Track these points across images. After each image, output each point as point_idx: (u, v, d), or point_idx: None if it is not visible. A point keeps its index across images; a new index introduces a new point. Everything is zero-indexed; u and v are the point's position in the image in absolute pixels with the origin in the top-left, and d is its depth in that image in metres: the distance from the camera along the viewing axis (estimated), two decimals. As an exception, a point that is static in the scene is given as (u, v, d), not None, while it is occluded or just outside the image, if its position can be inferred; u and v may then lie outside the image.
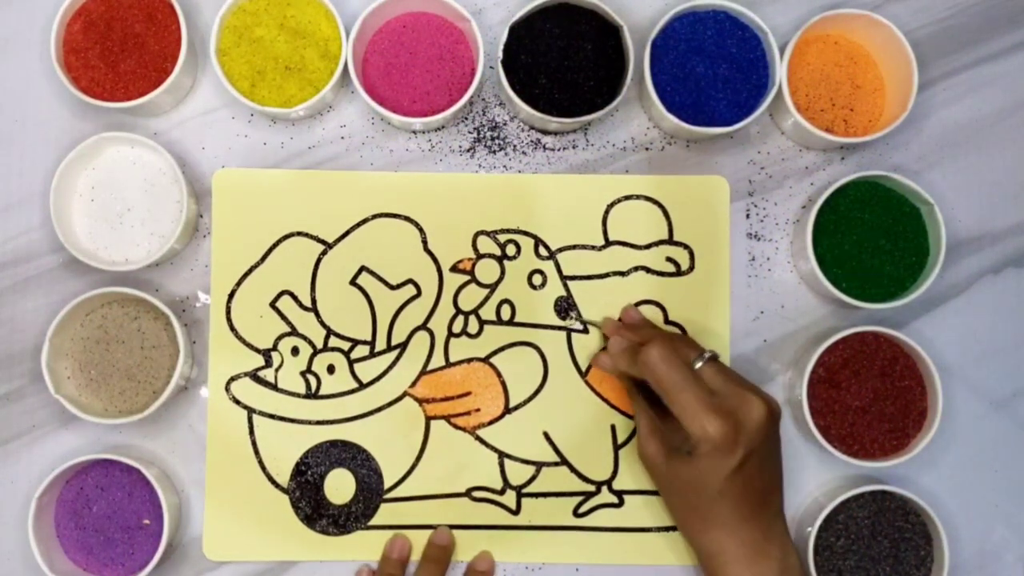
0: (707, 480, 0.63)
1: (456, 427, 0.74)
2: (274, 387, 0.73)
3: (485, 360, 0.74)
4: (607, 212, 0.75)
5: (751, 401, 0.63)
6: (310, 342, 0.73)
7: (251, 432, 0.73)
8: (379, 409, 0.73)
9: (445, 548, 0.72)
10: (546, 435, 0.74)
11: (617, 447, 0.74)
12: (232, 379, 0.73)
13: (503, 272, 0.74)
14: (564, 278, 0.74)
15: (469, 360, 0.74)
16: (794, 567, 0.64)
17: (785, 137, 0.76)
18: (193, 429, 0.73)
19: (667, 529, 0.73)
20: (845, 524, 0.71)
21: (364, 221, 0.74)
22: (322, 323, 0.74)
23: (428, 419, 0.73)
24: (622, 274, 0.74)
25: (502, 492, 0.73)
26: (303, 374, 0.73)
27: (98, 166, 0.73)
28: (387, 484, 0.73)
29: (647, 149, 0.76)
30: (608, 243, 0.74)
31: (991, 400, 0.75)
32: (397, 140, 0.75)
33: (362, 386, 0.73)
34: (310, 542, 0.72)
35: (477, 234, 0.74)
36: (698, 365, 0.65)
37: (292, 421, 0.73)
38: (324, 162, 0.75)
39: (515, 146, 0.75)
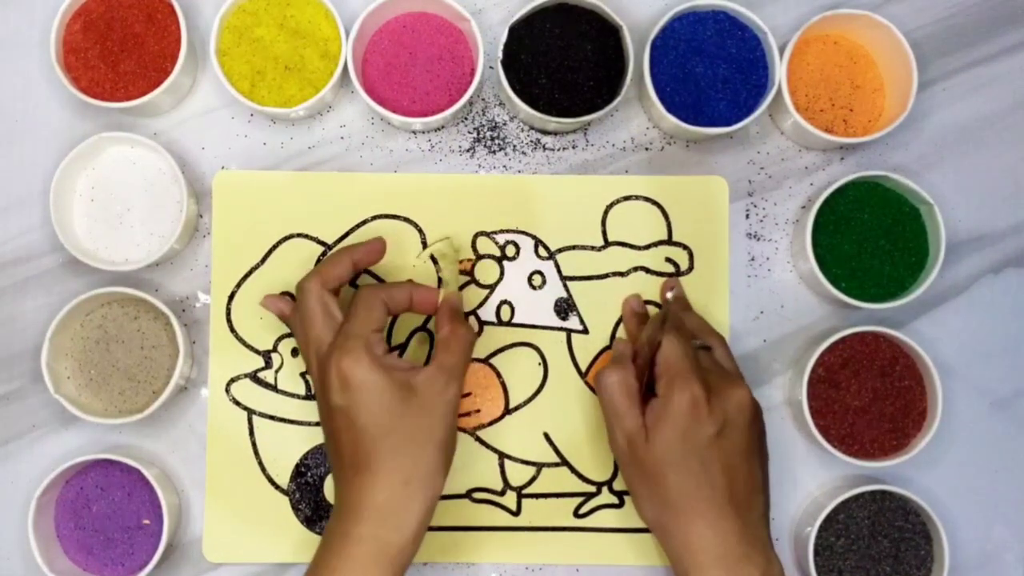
0: (690, 444, 0.63)
1: (456, 428, 0.73)
2: (274, 388, 0.73)
3: (485, 361, 0.74)
4: (606, 212, 0.75)
5: (734, 382, 0.66)
6: (310, 342, 0.73)
7: (251, 433, 0.73)
8: (379, 409, 0.73)
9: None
10: (546, 436, 0.74)
11: (617, 447, 0.74)
12: (232, 380, 0.73)
13: (502, 272, 0.74)
14: (564, 278, 0.74)
15: (469, 360, 0.74)
16: None
17: (785, 137, 0.76)
18: (193, 429, 0.73)
19: (667, 529, 0.73)
20: (845, 524, 0.71)
21: (364, 222, 0.74)
22: (322, 323, 0.74)
23: (428, 419, 0.73)
24: (622, 274, 0.74)
25: (502, 493, 0.73)
26: (303, 375, 0.73)
27: (98, 166, 0.73)
28: (387, 484, 0.73)
29: (647, 149, 0.76)
30: (607, 243, 0.74)
31: (991, 400, 0.75)
32: (397, 140, 0.75)
33: (362, 386, 0.73)
34: (310, 544, 0.72)
35: (476, 235, 0.74)
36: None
37: (292, 422, 0.73)
38: (324, 162, 0.75)
39: (515, 146, 0.75)
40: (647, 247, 0.74)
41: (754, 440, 0.66)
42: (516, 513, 0.73)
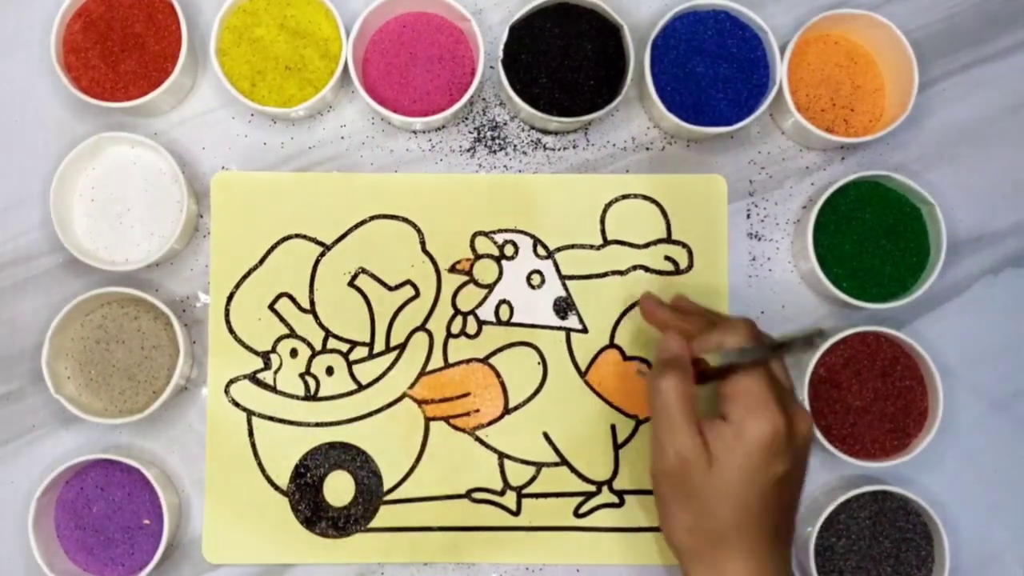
0: (755, 481, 0.57)
1: (455, 428, 0.73)
2: (273, 389, 0.73)
3: (484, 361, 0.74)
4: (605, 211, 0.74)
5: (802, 413, 0.60)
6: (309, 344, 0.73)
7: (250, 435, 0.73)
8: (378, 411, 0.73)
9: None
10: (546, 435, 0.73)
11: (617, 447, 0.73)
12: (231, 382, 0.73)
13: (501, 272, 0.74)
14: (563, 277, 0.74)
15: (468, 361, 0.74)
16: None
17: (785, 137, 0.76)
18: (193, 429, 0.73)
19: (667, 530, 0.73)
20: (846, 524, 0.71)
21: (362, 223, 0.74)
22: (321, 325, 0.74)
23: (427, 420, 0.73)
24: (621, 273, 0.74)
25: (502, 493, 0.73)
26: (302, 376, 0.73)
27: (98, 166, 0.73)
28: (387, 486, 0.73)
29: (647, 149, 0.76)
30: (606, 242, 0.74)
31: (991, 400, 0.75)
32: (397, 140, 0.75)
33: (361, 388, 0.73)
34: (309, 544, 0.72)
35: (475, 234, 0.74)
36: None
37: (291, 423, 0.73)
38: (324, 162, 0.75)
39: (515, 146, 0.75)
40: (646, 245, 0.74)
41: (806, 473, 0.62)
42: (516, 513, 0.73)
